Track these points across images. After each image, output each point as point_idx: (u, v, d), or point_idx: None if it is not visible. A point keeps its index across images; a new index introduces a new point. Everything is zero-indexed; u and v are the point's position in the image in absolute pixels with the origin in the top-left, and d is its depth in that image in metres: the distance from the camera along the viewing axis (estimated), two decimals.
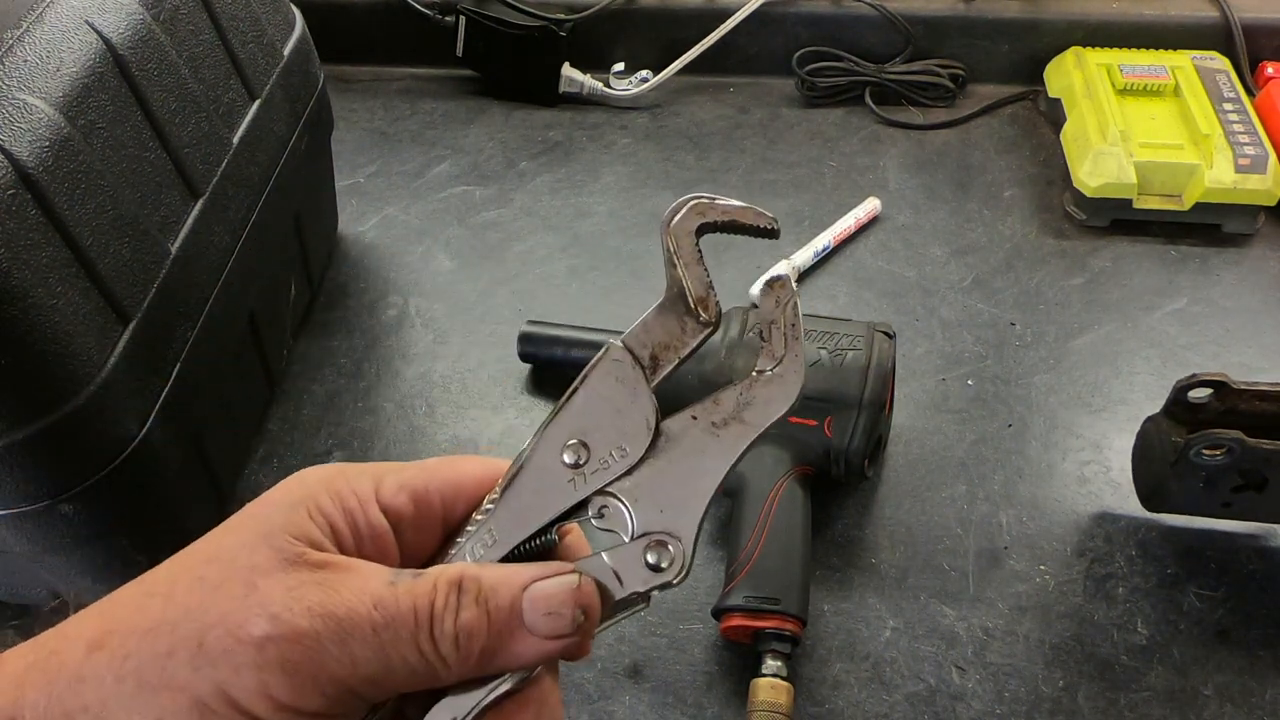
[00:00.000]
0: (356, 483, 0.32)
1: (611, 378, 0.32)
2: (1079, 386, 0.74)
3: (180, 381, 0.57)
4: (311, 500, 0.31)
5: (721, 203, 0.33)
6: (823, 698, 0.58)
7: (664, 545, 0.31)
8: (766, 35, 1.01)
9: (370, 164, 0.96)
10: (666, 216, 0.33)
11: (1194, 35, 0.96)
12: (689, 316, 0.33)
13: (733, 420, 0.32)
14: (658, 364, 0.33)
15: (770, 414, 0.32)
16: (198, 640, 0.27)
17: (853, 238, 0.86)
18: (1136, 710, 0.57)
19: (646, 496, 0.32)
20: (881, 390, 0.62)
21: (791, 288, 0.33)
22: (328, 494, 0.31)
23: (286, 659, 0.27)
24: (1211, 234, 0.85)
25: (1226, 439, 0.57)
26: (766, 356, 0.32)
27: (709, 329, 0.33)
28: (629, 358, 0.33)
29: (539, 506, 0.32)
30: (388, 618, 0.29)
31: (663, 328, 0.33)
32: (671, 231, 0.33)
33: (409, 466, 0.34)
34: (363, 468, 0.33)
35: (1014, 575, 0.63)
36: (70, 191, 0.49)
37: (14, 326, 0.46)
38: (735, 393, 0.32)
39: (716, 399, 0.32)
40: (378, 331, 0.81)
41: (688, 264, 0.33)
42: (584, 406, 0.32)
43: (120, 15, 0.55)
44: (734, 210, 0.33)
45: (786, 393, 0.32)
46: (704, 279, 0.33)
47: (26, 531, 0.52)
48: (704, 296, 0.33)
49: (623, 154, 0.97)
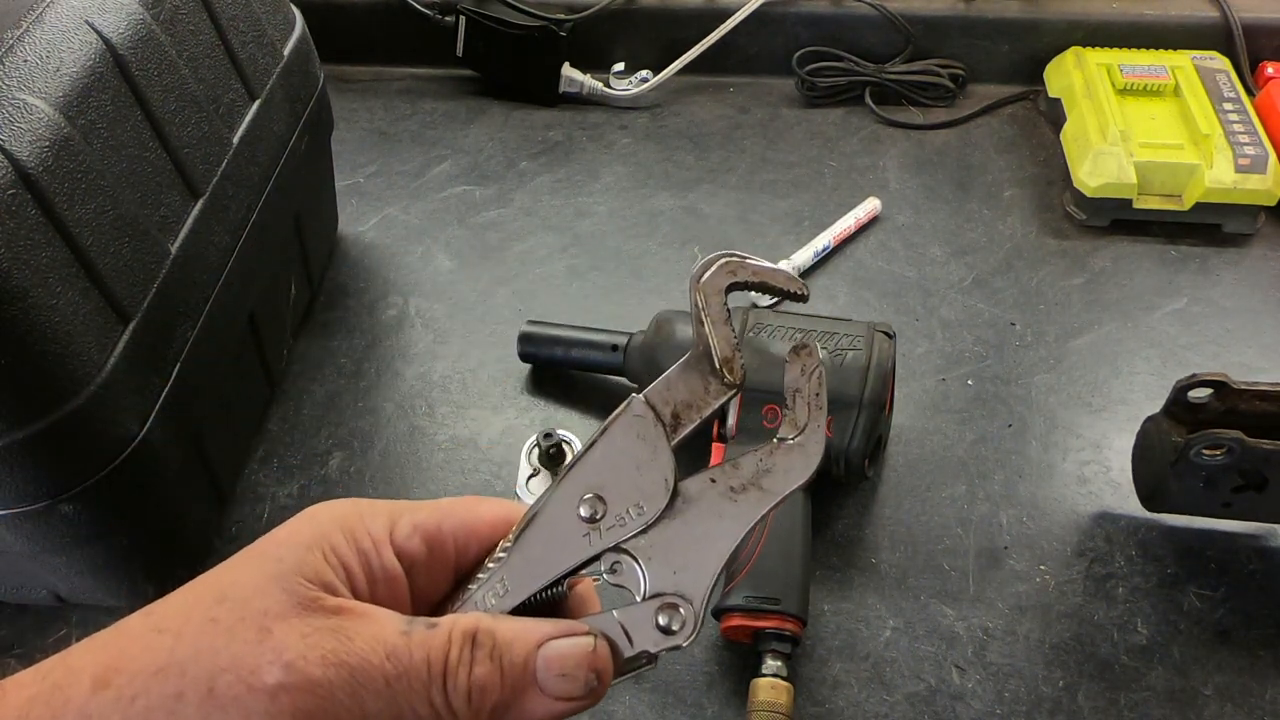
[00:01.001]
0: (372, 523, 0.32)
1: (633, 433, 0.32)
2: (1079, 386, 0.74)
3: (180, 381, 0.57)
4: (325, 541, 0.30)
5: (753, 263, 0.33)
6: (823, 698, 0.58)
7: (675, 608, 0.32)
8: (766, 35, 1.01)
9: (370, 164, 0.96)
10: (696, 273, 0.33)
11: (1194, 35, 0.96)
12: (713, 376, 0.33)
13: (751, 486, 0.32)
14: (679, 422, 0.33)
15: (789, 483, 0.32)
16: (208, 685, 0.27)
17: (853, 238, 0.86)
18: (1136, 710, 0.57)
19: (660, 557, 0.32)
20: (881, 390, 0.62)
21: (818, 356, 0.33)
22: (342, 534, 0.31)
23: (299, 708, 0.27)
24: (1211, 234, 0.85)
25: (1226, 439, 0.57)
26: (789, 425, 0.33)
27: (733, 391, 0.33)
28: (651, 414, 0.32)
29: (552, 559, 0.32)
30: (401, 669, 0.28)
31: (686, 385, 0.33)
32: (701, 289, 0.33)
33: (423, 506, 0.33)
34: (377, 507, 0.33)
35: (1014, 575, 0.63)
36: (70, 191, 0.49)
37: (14, 326, 0.46)
38: (755, 459, 0.32)
39: (736, 463, 0.32)
40: (378, 331, 0.81)
41: (715, 323, 0.33)
42: (603, 460, 0.32)
43: (120, 15, 0.55)
44: (765, 272, 0.33)
45: (807, 463, 0.32)
46: (731, 340, 0.33)
47: (26, 531, 0.52)
48: (730, 358, 0.33)
49: (623, 154, 0.97)
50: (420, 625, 0.30)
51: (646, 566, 0.32)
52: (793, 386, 0.33)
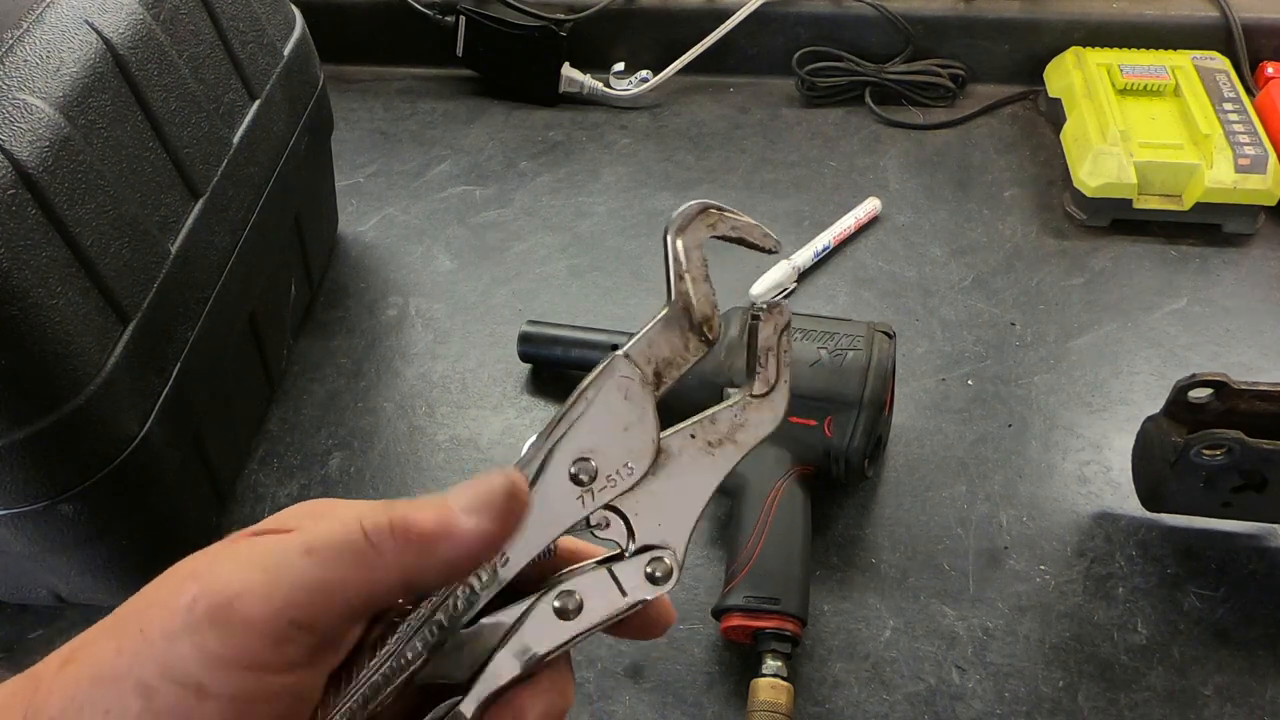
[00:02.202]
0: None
1: (620, 394, 0.32)
2: (1079, 386, 0.74)
3: (180, 381, 0.57)
4: None
5: (731, 216, 0.33)
6: (823, 698, 0.58)
7: (660, 559, 0.33)
8: (766, 35, 1.01)
9: (370, 164, 0.96)
10: (675, 224, 0.33)
11: (1194, 35, 0.96)
12: (693, 333, 0.33)
13: (726, 441, 0.33)
14: (660, 380, 0.33)
15: (759, 435, 0.34)
16: (139, 627, 0.28)
17: (853, 238, 0.86)
18: (1136, 710, 0.57)
19: (647, 511, 0.33)
20: (881, 390, 0.62)
21: (788, 315, 0.34)
22: None
23: (214, 610, 0.27)
24: (1211, 234, 0.85)
25: (1226, 439, 0.57)
26: (761, 381, 0.34)
27: (710, 347, 0.33)
28: (637, 374, 0.33)
29: (548, 523, 0.32)
30: (320, 542, 0.28)
31: (666, 343, 0.33)
32: (681, 241, 0.33)
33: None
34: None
35: (1014, 575, 0.63)
36: (70, 191, 0.49)
37: (14, 326, 0.46)
38: (730, 414, 0.33)
39: (713, 418, 0.33)
40: (378, 331, 0.81)
41: (695, 280, 0.33)
42: (592, 423, 0.32)
43: (120, 15, 0.56)
44: (743, 226, 0.33)
45: (774, 416, 0.34)
46: (711, 297, 0.33)
47: (26, 531, 0.52)
48: (710, 316, 0.33)
49: (623, 154, 0.97)
50: None
51: (633, 520, 0.33)
52: (765, 346, 0.33)
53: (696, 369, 0.33)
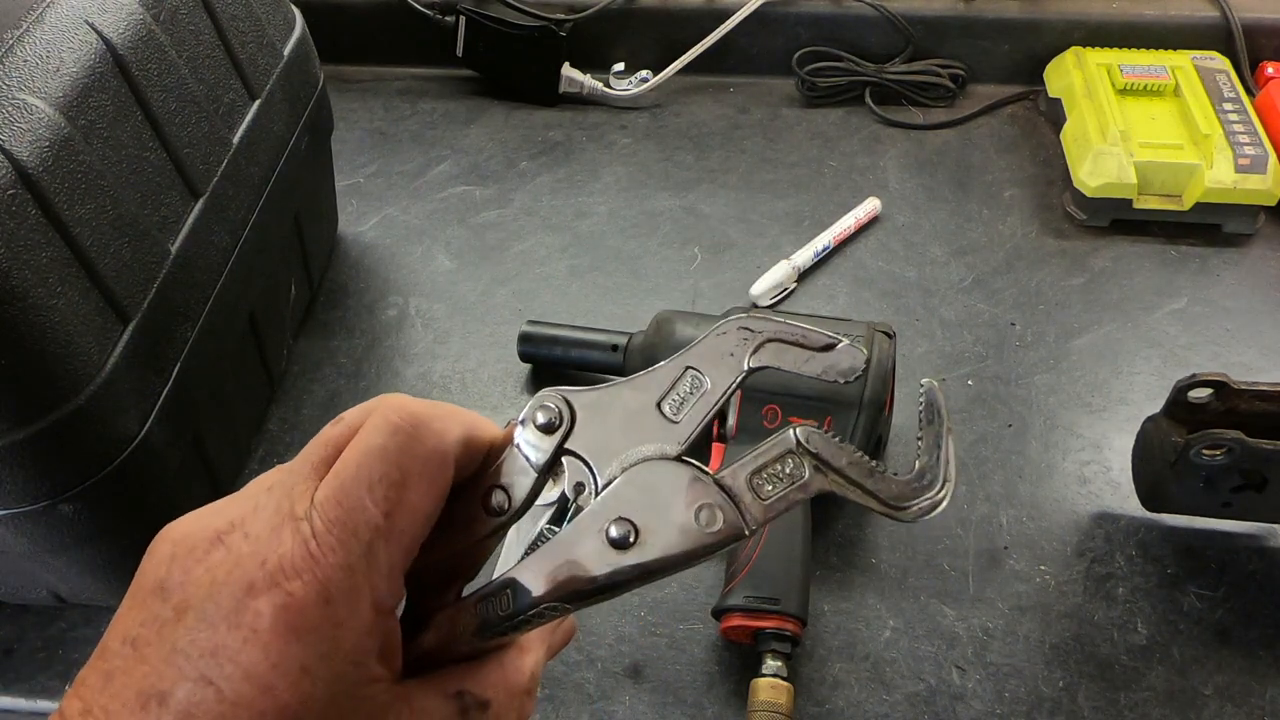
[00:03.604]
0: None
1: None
2: (1079, 386, 0.74)
3: (180, 381, 0.57)
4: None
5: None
6: (823, 698, 0.58)
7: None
8: (766, 35, 1.01)
9: (370, 164, 0.96)
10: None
11: (1194, 35, 0.96)
12: None
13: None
14: None
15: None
16: None
17: (853, 238, 0.86)
18: (1136, 710, 0.57)
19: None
20: (881, 390, 0.62)
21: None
22: None
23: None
24: (1211, 234, 0.85)
25: (1226, 439, 0.57)
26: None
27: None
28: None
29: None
30: None
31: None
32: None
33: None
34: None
35: (1014, 575, 0.63)
36: (70, 191, 0.49)
37: (14, 326, 0.46)
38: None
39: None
40: (378, 331, 0.81)
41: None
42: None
43: (120, 15, 0.55)
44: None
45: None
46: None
47: (26, 531, 0.52)
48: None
49: (623, 154, 0.97)
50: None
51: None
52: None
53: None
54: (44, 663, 0.62)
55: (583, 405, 0.33)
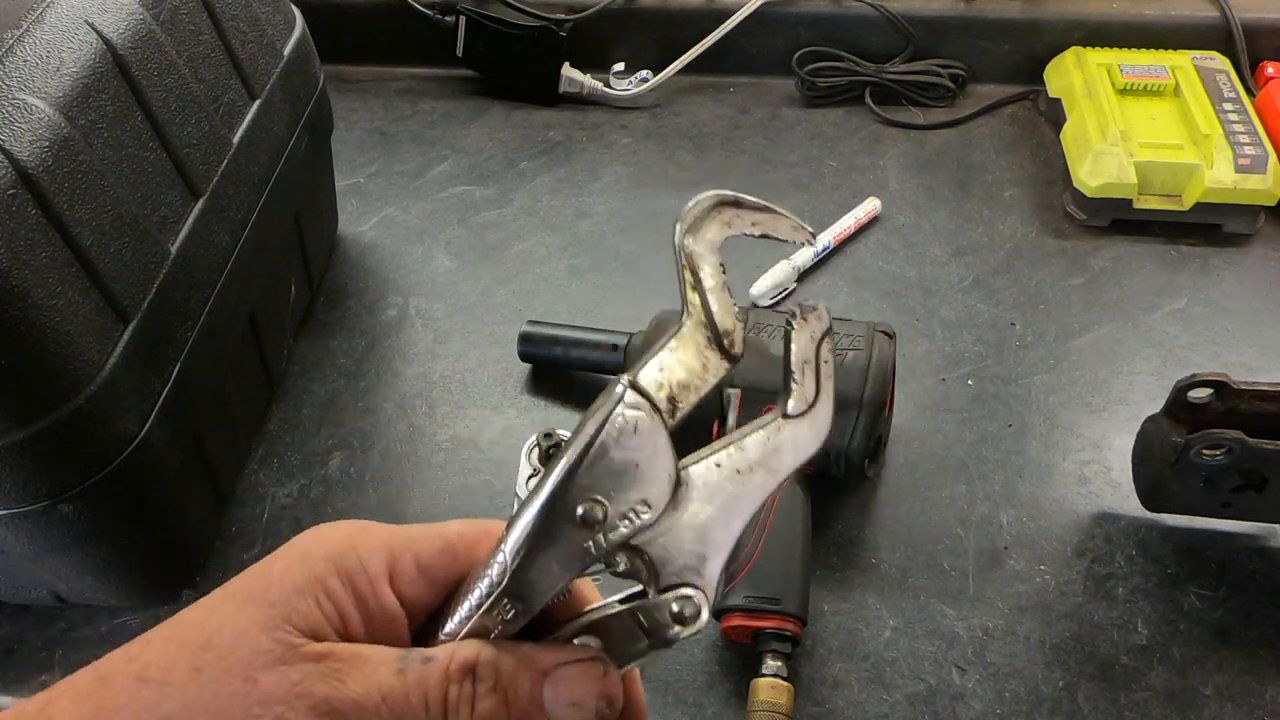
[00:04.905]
0: (369, 561, 0.30)
1: (629, 428, 0.28)
2: (1079, 386, 0.74)
3: (180, 381, 0.57)
4: (319, 585, 0.29)
5: (750, 211, 0.29)
6: (823, 698, 0.58)
7: (688, 597, 0.30)
8: (766, 35, 1.01)
9: (370, 164, 0.96)
10: (685, 222, 0.29)
11: (1194, 35, 0.96)
12: (711, 350, 0.29)
13: (758, 467, 0.30)
14: (675, 406, 0.29)
15: (798, 459, 0.30)
16: None
17: (853, 238, 0.86)
18: (1136, 710, 0.57)
19: (667, 547, 0.30)
20: (881, 390, 0.62)
21: (827, 320, 0.30)
22: (337, 575, 0.29)
23: None
24: (1211, 234, 0.85)
25: (1226, 439, 0.57)
26: (798, 398, 0.30)
27: (733, 364, 0.29)
28: (646, 405, 0.29)
29: (557, 569, 0.29)
30: (398, 712, 0.27)
31: (681, 364, 0.29)
32: (691, 246, 0.29)
33: (430, 536, 0.31)
34: (375, 539, 0.30)
35: (1014, 575, 0.63)
36: (70, 191, 0.49)
37: (14, 326, 0.46)
38: (762, 437, 0.30)
39: (742, 444, 0.30)
40: (378, 331, 0.81)
41: (712, 289, 0.29)
42: (598, 458, 0.28)
43: (120, 15, 0.56)
44: (765, 220, 0.30)
45: (816, 435, 0.30)
46: (731, 306, 0.29)
47: (26, 531, 0.52)
48: (731, 329, 0.29)
49: (623, 154, 0.97)
50: (415, 660, 0.28)
51: (656, 560, 0.30)
52: (802, 357, 0.29)
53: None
54: (44, 663, 0.61)
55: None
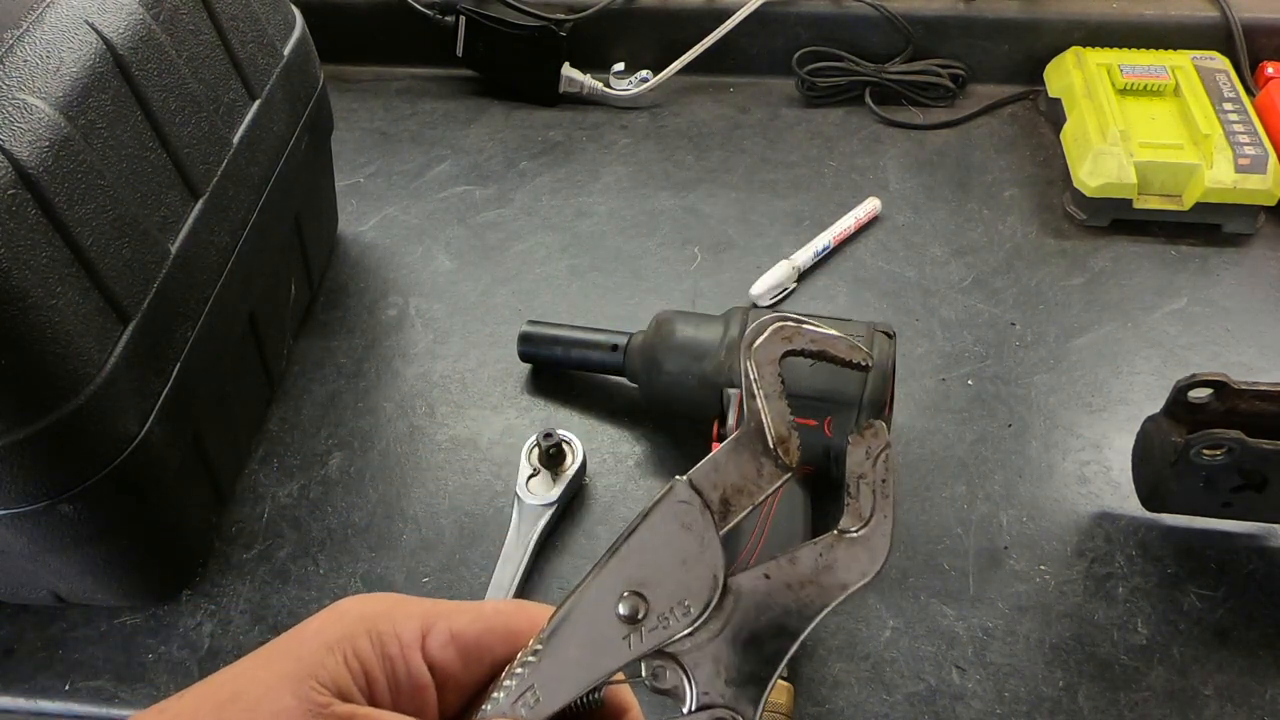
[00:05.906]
0: (402, 626, 0.30)
1: (677, 522, 0.29)
2: (1079, 386, 0.74)
3: (180, 381, 0.57)
4: (349, 643, 0.29)
5: (810, 329, 0.30)
6: (823, 698, 0.58)
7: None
8: (766, 35, 1.01)
9: (370, 164, 0.96)
10: (748, 338, 0.30)
11: (1194, 35, 0.96)
12: (767, 458, 0.29)
13: (809, 583, 0.29)
14: (729, 509, 0.29)
15: (850, 582, 0.29)
16: None
17: (853, 238, 0.86)
18: (1136, 710, 0.57)
19: (709, 662, 0.29)
20: (881, 390, 0.62)
21: (886, 438, 0.30)
22: (368, 637, 0.29)
23: None
24: (1211, 234, 0.85)
25: (1226, 439, 0.57)
26: (851, 515, 0.30)
27: (788, 474, 0.30)
28: (698, 501, 0.29)
29: (588, 663, 0.29)
30: None
31: (736, 468, 0.29)
32: (754, 358, 0.30)
33: (465, 610, 0.31)
34: (411, 608, 0.31)
35: (1014, 575, 0.63)
36: (70, 191, 0.49)
37: (14, 326, 0.46)
38: (814, 553, 0.29)
39: (793, 558, 0.29)
40: (378, 331, 0.81)
41: (769, 397, 0.29)
42: (644, 552, 0.29)
43: (120, 15, 0.55)
44: (823, 339, 0.30)
45: (872, 558, 0.29)
46: (787, 417, 0.30)
47: (26, 531, 0.52)
48: (785, 437, 0.30)
49: (623, 154, 0.97)
50: None
51: (694, 672, 0.29)
52: (856, 472, 0.30)
53: (698, 369, 0.32)
54: (44, 663, 0.62)
55: None
